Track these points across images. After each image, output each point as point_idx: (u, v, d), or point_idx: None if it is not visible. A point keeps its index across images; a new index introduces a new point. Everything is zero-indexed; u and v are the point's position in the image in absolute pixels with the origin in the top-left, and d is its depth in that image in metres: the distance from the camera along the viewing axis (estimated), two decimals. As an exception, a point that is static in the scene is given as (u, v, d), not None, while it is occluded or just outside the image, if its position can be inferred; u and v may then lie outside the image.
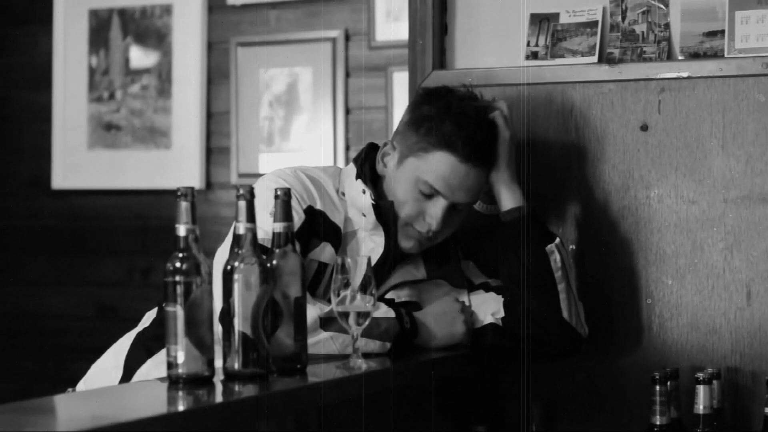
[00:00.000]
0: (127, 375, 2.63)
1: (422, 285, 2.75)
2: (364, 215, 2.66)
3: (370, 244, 2.66)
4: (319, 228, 2.62)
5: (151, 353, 2.61)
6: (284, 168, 2.70)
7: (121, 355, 2.68)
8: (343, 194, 2.70)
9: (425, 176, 2.63)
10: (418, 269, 2.74)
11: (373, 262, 2.59)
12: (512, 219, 2.70)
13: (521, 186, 2.73)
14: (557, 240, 2.70)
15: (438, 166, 2.62)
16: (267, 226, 2.30)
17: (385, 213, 2.66)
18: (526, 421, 2.82)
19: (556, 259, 2.68)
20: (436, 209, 2.64)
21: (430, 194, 2.64)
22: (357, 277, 2.37)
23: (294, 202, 2.43)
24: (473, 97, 2.73)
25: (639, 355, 2.85)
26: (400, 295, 2.70)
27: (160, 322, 2.51)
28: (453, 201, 2.64)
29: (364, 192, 2.66)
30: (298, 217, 2.55)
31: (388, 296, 2.69)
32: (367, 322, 2.37)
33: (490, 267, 2.80)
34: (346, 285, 2.35)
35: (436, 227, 2.64)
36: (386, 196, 2.68)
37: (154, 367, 2.57)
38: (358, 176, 2.69)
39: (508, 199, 2.71)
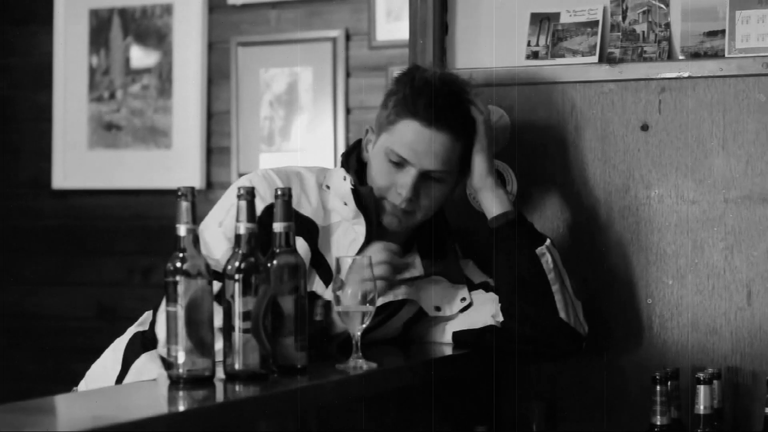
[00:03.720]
0: (125, 369, 2.64)
1: (420, 282, 2.74)
2: (346, 204, 2.66)
3: (351, 234, 2.66)
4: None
5: (148, 350, 2.62)
6: (256, 171, 2.72)
7: (119, 351, 2.70)
8: (328, 187, 2.70)
9: (392, 146, 2.64)
10: (414, 266, 2.73)
11: (355, 251, 2.60)
12: (500, 225, 2.70)
13: (506, 191, 2.74)
14: (548, 241, 2.70)
15: (403, 133, 2.63)
16: (217, 248, 2.26)
17: (364, 198, 2.66)
18: (526, 421, 2.82)
19: (547, 260, 2.67)
20: (405, 178, 2.63)
21: (399, 163, 2.64)
22: (350, 276, 2.37)
23: (258, 202, 2.45)
24: (446, 75, 2.71)
25: (639, 355, 2.85)
26: (398, 293, 2.69)
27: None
28: (421, 168, 2.63)
29: (345, 179, 2.67)
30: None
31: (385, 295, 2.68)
32: (366, 322, 2.37)
33: (491, 266, 2.80)
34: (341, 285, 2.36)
35: (406, 194, 2.62)
36: (369, 182, 2.69)
37: (150, 360, 2.58)
38: (342, 165, 2.70)
39: (494, 205, 2.71)
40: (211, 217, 2.61)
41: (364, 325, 2.36)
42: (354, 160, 2.73)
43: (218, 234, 2.52)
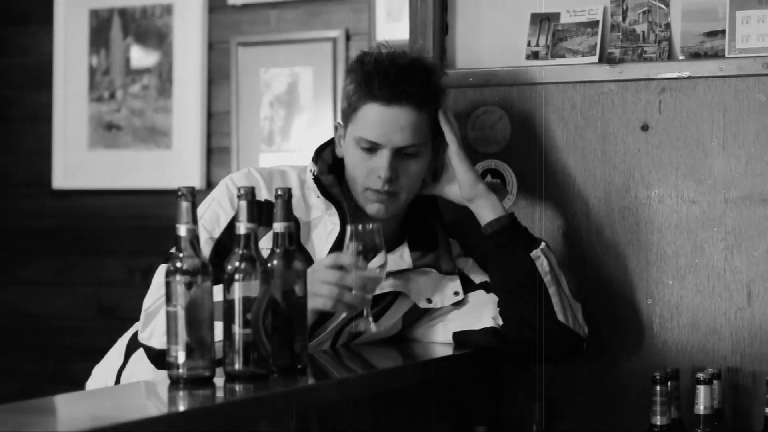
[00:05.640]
0: (126, 361, 2.67)
1: (409, 274, 2.74)
2: (318, 196, 2.67)
3: (329, 226, 2.66)
4: (264, 217, 2.58)
5: None
6: (241, 169, 2.75)
7: (123, 344, 2.74)
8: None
9: (360, 133, 2.64)
10: (403, 258, 2.73)
11: (332, 242, 2.60)
12: (494, 231, 2.70)
13: (505, 192, 2.74)
14: (542, 244, 2.69)
15: (366, 118, 2.63)
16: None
17: (329, 187, 2.66)
18: (527, 421, 2.82)
19: (542, 263, 2.67)
20: (381, 161, 2.63)
21: (371, 149, 2.64)
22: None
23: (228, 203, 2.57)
24: (395, 51, 2.69)
25: (639, 355, 2.85)
26: (384, 286, 2.68)
27: None
28: (393, 146, 2.62)
29: (310, 171, 2.68)
30: (228, 214, 2.64)
31: None
32: (376, 289, 2.43)
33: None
34: (358, 254, 2.39)
35: (385, 175, 2.61)
36: (348, 177, 2.69)
37: None
38: (312, 159, 2.72)
39: (487, 211, 2.71)
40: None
41: (373, 292, 2.41)
42: (329, 155, 2.74)
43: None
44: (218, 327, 2.14)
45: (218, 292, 2.13)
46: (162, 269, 2.53)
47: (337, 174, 2.70)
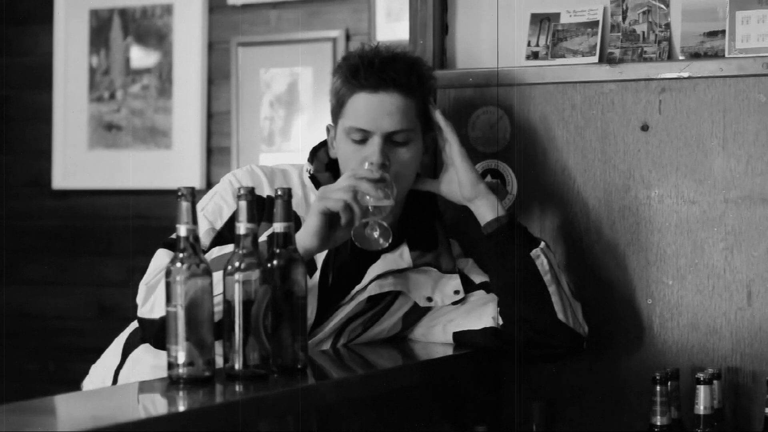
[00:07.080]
0: (124, 360, 2.67)
1: (408, 273, 2.74)
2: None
3: None
4: (264, 214, 2.59)
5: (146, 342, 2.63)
6: (242, 167, 2.77)
7: (120, 343, 2.74)
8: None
9: (349, 124, 2.64)
10: (402, 257, 2.73)
11: None
12: (494, 230, 2.70)
13: (505, 191, 2.74)
14: (542, 244, 2.69)
15: (354, 108, 2.64)
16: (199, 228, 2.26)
17: (325, 185, 2.67)
18: (527, 421, 2.82)
19: (542, 262, 2.67)
20: (372, 147, 2.63)
21: (362, 138, 2.64)
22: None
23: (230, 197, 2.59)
24: (379, 45, 2.72)
25: (639, 355, 2.85)
26: (384, 285, 2.69)
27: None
28: (383, 131, 2.63)
29: (306, 170, 2.68)
30: (231, 207, 2.64)
31: (371, 288, 2.67)
32: (386, 213, 2.52)
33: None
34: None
35: (377, 160, 2.60)
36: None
37: (146, 351, 2.60)
38: (308, 160, 2.73)
39: (487, 211, 2.71)
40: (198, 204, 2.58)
41: (383, 214, 2.50)
42: (324, 154, 2.75)
43: (199, 216, 2.49)
44: (218, 276, 2.15)
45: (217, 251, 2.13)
46: (161, 252, 2.55)
47: (333, 173, 2.71)
